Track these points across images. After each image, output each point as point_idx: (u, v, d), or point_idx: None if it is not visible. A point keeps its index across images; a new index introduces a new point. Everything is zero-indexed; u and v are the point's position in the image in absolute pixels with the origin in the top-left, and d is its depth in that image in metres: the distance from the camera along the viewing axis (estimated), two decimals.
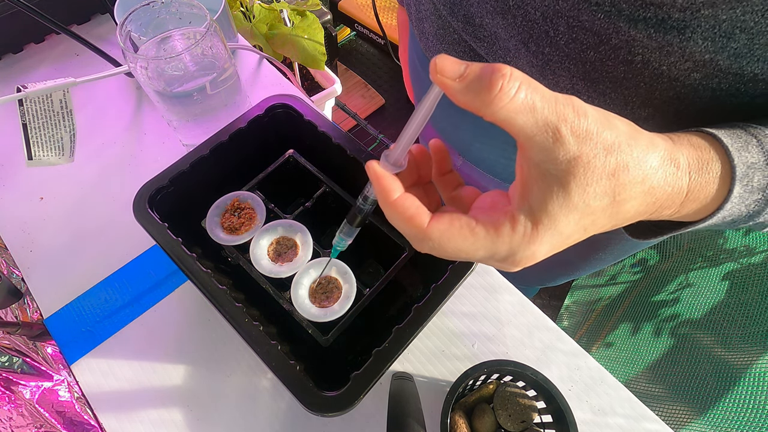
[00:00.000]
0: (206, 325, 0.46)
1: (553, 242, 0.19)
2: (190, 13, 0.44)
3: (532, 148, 0.18)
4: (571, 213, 0.18)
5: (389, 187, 0.21)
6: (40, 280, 0.48)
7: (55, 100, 0.41)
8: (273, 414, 0.42)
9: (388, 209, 0.21)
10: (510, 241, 0.19)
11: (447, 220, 0.20)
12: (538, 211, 0.19)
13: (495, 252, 0.20)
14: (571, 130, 0.17)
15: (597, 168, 0.18)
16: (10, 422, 0.39)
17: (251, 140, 0.43)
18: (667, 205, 0.20)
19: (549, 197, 0.18)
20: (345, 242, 0.31)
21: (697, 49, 0.24)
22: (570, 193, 0.18)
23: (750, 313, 0.74)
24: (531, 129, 0.17)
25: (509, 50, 0.32)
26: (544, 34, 0.29)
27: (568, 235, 0.19)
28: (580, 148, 0.17)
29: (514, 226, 0.19)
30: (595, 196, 0.18)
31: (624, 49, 0.26)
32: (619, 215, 0.20)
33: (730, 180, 0.21)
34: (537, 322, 0.46)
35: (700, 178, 0.21)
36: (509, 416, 0.39)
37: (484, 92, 0.17)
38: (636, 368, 0.84)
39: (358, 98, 1.55)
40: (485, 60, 0.36)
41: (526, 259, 0.20)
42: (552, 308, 1.18)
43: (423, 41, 0.42)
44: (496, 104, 0.17)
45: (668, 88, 0.27)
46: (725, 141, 0.21)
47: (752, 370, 0.67)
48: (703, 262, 0.87)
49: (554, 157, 0.18)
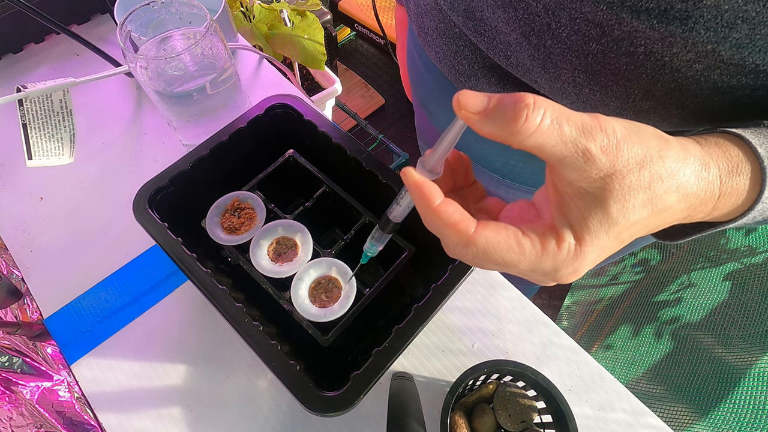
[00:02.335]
0: (206, 325, 0.46)
1: (595, 258, 0.19)
2: (190, 13, 0.44)
3: (564, 169, 0.18)
4: (612, 228, 0.18)
5: (430, 193, 0.20)
6: (40, 280, 0.48)
7: (55, 100, 0.41)
8: (273, 414, 0.42)
9: (430, 215, 0.20)
10: (555, 257, 0.19)
11: (494, 228, 0.20)
12: (580, 229, 0.19)
13: (539, 267, 0.19)
14: (601, 149, 0.18)
15: (632, 182, 0.18)
16: (10, 422, 0.39)
17: (251, 140, 0.43)
18: (701, 209, 0.21)
19: (588, 215, 0.18)
20: (376, 248, 0.30)
21: (699, 39, 0.24)
22: (609, 209, 0.18)
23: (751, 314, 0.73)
24: (561, 152, 0.18)
25: (510, 44, 0.32)
26: (546, 26, 0.29)
27: (609, 249, 0.19)
28: (613, 165, 0.18)
29: (560, 243, 0.19)
30: (634, 210, 0.18)
31: (626, 40, 0.26)
32: (655, 223, 0.20)
33: (760, 181, 0.21)
34: (535, 318, 0.46)
35: (731, 181, 0.21)
36: (509, 416, 0.39)
37: (510, 124, 0.17)
38: (637, 369, 0.84)
39: (358, 98, 1.55)
40: (486, 54, 0.36)
41: (569, 275, 0.20)
42: (552, 308, 1.18)
43: (422, 37, 0.42)
44: (523, 133, 0.17)
45: (670, 79, 0.27)
46: (753, 142, 0.21)
47: (753, 371, 0.67)
48: (705, 262, 0.87)
49: (588, 175, 0.18)
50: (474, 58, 0.37)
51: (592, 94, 0.31)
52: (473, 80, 0.39)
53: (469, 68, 0.38)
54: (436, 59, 0.41)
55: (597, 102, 0.31)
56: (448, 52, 0.39)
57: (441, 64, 0.41)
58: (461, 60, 0.38)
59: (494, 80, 0.37)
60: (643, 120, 0.31)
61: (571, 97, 0.32)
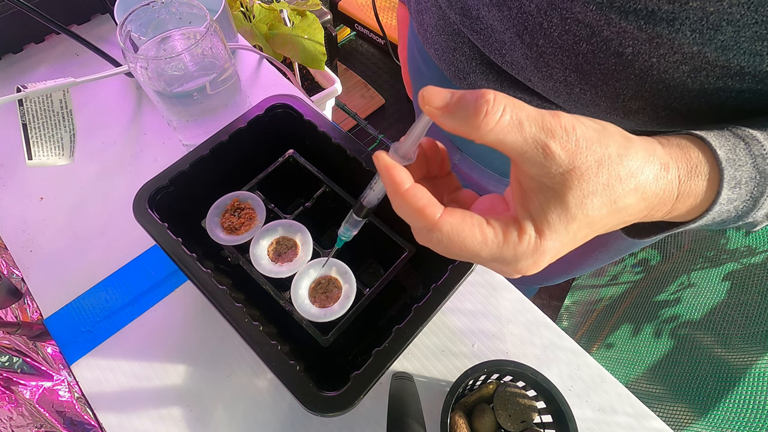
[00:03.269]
0: (206, 325, 0.46)
1: (555, 252, 0.20)
2: (190, 13, 0.44)
3: (525, 164, 0.19)
4: (571, 223, 0.19)
5: (399, 177, 0.20)
6: (40, 280, 0.48)
7: (55, 100, 0.41)
8: (273, 414, 0.42)
9: (398, 199, 0.21)
10: (516, 248, 0.19)
11: (459, 215, 0.20)
12: (540, 222, 0.19)
13: (500, 256, 0.20)
14: (561, 145, 0.18)
15: (591, 180, 0.18)
16: (11, 422, 0.39)
17: (251, 140, 0.43)
18: (660, 207, 0.21)
19: (548, 209, 0.19)
20: (350, 233, 0.30)
21: (685, 41, 0.24)
22: (568, 204, 0.18)
23: (751, 314, 0.73)
24: (521, 147, 0.18)
25: (505, 42, 0.32)
26: (538, 26, 0.29)
27: (568, 243, 0.20)
28: (572, 162, 0.18)
29: (521, 234, 0.19)
30: (592, 206, 0.19)
31: (615, 41, 0.26)
32: (614, 221, 0.20)
33: (718, 183, 0.21)
34: (536, 320, 0.46)
35: (689, 181, 0.21)
36: (509, 416, 0.39)
37: (470, 118, 0.18)
38: (636, 369, 0.84)
39: (358, 98, 1.55)
40: (482, 52, 0.36)
41: (528, 267, 0.20)
42: (552, 308, 1.18)
43: (422, 34, 0.42)
44: (483, 128, 0.18)
45: (657, 80, 0.27)
46: (713, 144, 0.22)
47: (753, 371, 0.67)
48: (705, 262, 0.87)
49: (547, 171, 0.18)
50: (471, 56, 0.38)
51: (583, 94, 0.31)
52: (471, 77, 0.39)
53: (467, 65, 0.38)
54: (435, 56, 0.42)
55: (588, 101, 0.32)
56: (447, 49, 0.39)
57: (440, 60, 0.41)
58: (459, 57, 0.39)
59: (491, 77, 0.37)
60: (634, 120, 0.31)
61: (563, 96, 0.33)
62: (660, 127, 0.32)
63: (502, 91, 0.37)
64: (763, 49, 0.23)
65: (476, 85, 0.39)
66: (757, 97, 0.26)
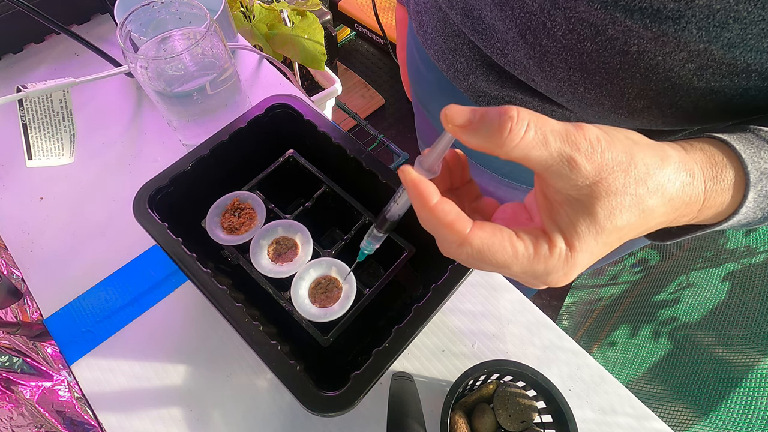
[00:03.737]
0: (206, 325, 0.46)
1: (585, 263, 0.20)
2: (190, 13, 0.44)
3: (551, 177, 0.19)
4: (600, 234, 0.19)
5: (426, 192, 0.20)
6: (40, 280, 0.48)
7: (55, 100, 0.41)
8: (273, 414, 0.42)
9: (426, 214, 0.20)
10: (547, 261, 0.19)
11: (490, 230, 0.20)
12: (570, 235, 0.19)
13: (531, 270, 0.20)
14: (586, 158, 0.18)
15: (618, 190, 0.18)
16: (11, 422, 0.39)
17: (251, 140, 0.43)
18: (686, 213, 0.21)
19: (577, 221, 0.19)
20: (373, 246, 0.30)
21: (691, 38, 0.24)
22: (596, 215, 0.18)
23: (751, 314, 0.73)
24: (546, 161, 0.18)
25: (507, 42, 0.32)
26: (542, 25, 0.29)
27: (598, 253, 0.20)
28: (598, 174, 0.18)
29: (552, 248, 0.19)
30: (621, 215, 0.19)
31: (620, 39, 0.26)
32: (642, 229, 0.20)
33: (744, 186, 0.21)
34: (537, 321, 0.46)
35: (715, 186, 0.21)
36: (509, 416, 0.39)
37: (495, 136, 0.18)
38: (637, 369, 0.84)
39: (358, 98, 1.55)
40: (484, 52, 0.36)
41: (559, 279, 0.20)
42: (552, 308, 1.18)
43: (421, 35, 0.42)
44: (508, 145, 0.18)
45: (663, 79, 0.27)
46: (738, 148, 0.21)
47: (754, 372, 0.67)
48: (704, 262, 0.87)
49: (574, 183, 0.18)
50: (472, 57, 0.37)
51: (587, 93, 0.31)
52: (471, 78, 0.39)
53: (467, 66, 0.38)
54: (435, 57, 0.42)
55: (592, 100, 0.31)
56: (447, 50, 0.39)
57: (440, 62, 0.41)
58: (459, 58, 0.39)
59: (492, 78, 0.37)
60: (638, 119, 0.31)
61: (567, 96, 0.32)
62: (665, 126, 0.32)
63: (504, 92, 0.37)
64: None
65: (476, 86, 0.39)
66: (764, 94, 0.26)
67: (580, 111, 0.34)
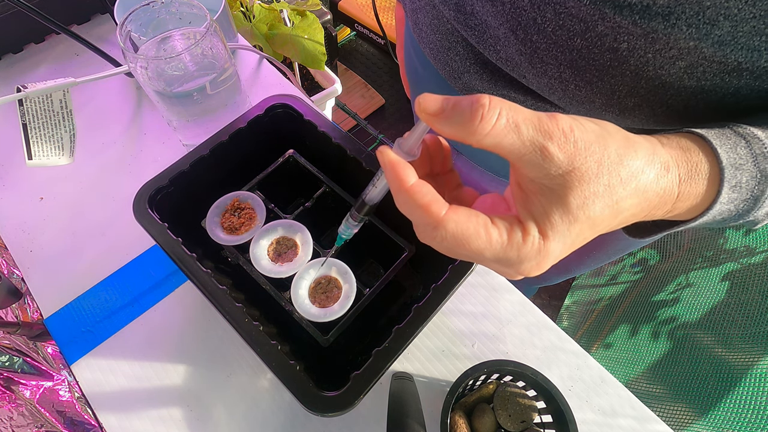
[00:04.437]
0: (206, 325, 0.46)
1: (558, 253, 0.20)
2: (190, 13, 0.44)
3: (524, 167, 0.19)
4: (573, 225, 0.19)
5: (403, 173, 0.20)
6: (40, 280, 0.48)
7: (55, 100, 0.41)
8: (273, 414, 0.42)
9: (402, 196, 0.20)
10: (520, 249, 0.19)
11: (465, 213, 0.20)
12: (543, 224, 0.19)
13: (504, 257, 0.20)
14: (559, 147, 0.18)
15: (592, 181, 0.18)
16: (11, 422, 0.39)
17: (251, 140, 0.43)
18: (660, 206, 0.21)
19: (551, 210, 0.19)
20: (351, 231, 0.30)
21: (681, 36, 0.24)
22: (570, 206, 0.18)
23: (750, 314, 0.73)
24: (519, 149, 0.18)
25: (499, 38, 0.32)
26: (532, 21, 0.29)
27: (571, 244, 0.20)
28: (571, 163, 0.18)
29: (525, 236, 0.19)
30: (594, 208, 0.19)
31: (610, 36, 0.26)
32: (616, 222, 0.20)
33: (718, 181, 0.21)
34: (537, 321, 0.46)
35: (690, 181, 0.21)
36: (509, 416, 0.39)
37: (466, 124, 0.18)
38: (636, 368, 0.84)
39: (358, 98, 1.55)
40: (477, 49, 0.36)
41: (531, 268, 0.20)
42: (552, 308, 1.18)
43: (417, 32, 0.42)
44: (480, 132, 0.18)
45: (653, 77, 0.27)
46: (714, 143, 0.22)
47: (753, 371, 0.67)
48: (704, 262, 0.87)
49: (547, 173, 0.18)
50: (466, 55, 0.37)
51: (578, 90, 0.31)
52: (466, 77, 0.39)
53: (461, 64, 0.38)
54: (430, 55, 0.42)
55: (583, 98, 0.31)
56: (441, 48, 0.39)
57: (435, 60, 0.41)
58: (453, 56, 0.39)
59: (486, 76, 0.37)
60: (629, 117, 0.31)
61: (558, 93, 0.32)
62: (657, 125, 0.32)
63: (497, 90, 0.37)
64: (761, 45, 0.23)
65: (471, 85, 0.39)
66: (755, 93, 0.26)
67: (571, 109, 0.34)
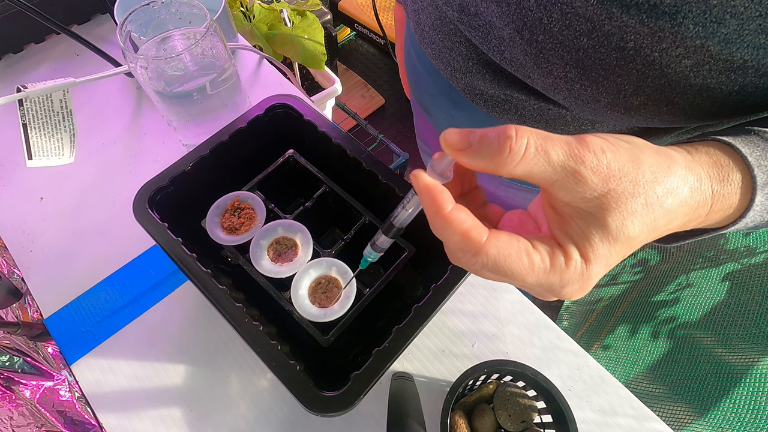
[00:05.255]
0: (206, 325, 0.46)
1: (599, 275, 0.20)
2: (190, 13, 0.44)
3: (558, 192, 0.18)
4: (614, 245, 0.19)
5: (441, 198, 0.20)
6: (40, 280, 0.48)
7: (55, 100, 0.41)
8: (273, 414, 0.42)
9: (440, 222, 0.20)
10: (563, 274, 0.19)
11: (506, 239, 0.19)
12: (584, 247, 0.19)
13: (546, 282, 0.19)
14: (592, 170, 0.18)
15: (629, 201, 0.18)
16: (11, 422, 0.39)
17: (251, 140, 0.43)
18: (693, 218, 0.21)
19: (590, 233, 0.19)
20: (376, 255, 0.30)
21: (688, 34, 0.24)
22: (608, 227, 0.18)
23: (751, 314, 0.73)
24: (550, 176, 0.18)
25: (504, 39, 0.32)
26: (538, 21, 0.29)
27: (612, 263, 0.20)
28: (605, 185, 0.18)
29: (568, 260, 0.19)
30: (633, 228, 0.18)
31: (616, 35, 0.26)
32: (653, 236, 0.20)
33: (751, 190, 0.21)
34: (537, 321, 0.46)
35: (722, 190, 0.21)
36: (509, 416, 0.39)
37: (495, 157, 0.18)
38: (636, 368, 0.84)
39: (358, 98, 1.55)
40: (480, 50, 0.36)
41: (574, 292, 0.20)
42: (552, 309, 1.18)
43: (419, 33, 0.42)
44: (510, 164, 0.18)
45: (660, 75, 0.27)
46: (743, 151, 0.21)
47: (753, 372, 0.67)
48: (704, 262, 0.87)
49: (582, 196, 0.18)
50: (468, 55, 0.37)
51: (584, 90, 0.31)
52: (468, 77, 0.39)
53: (463, 65, 0.38)
54: (432, 56, 0.42)
55: (588, 97, 0.31)
56: (444, 49, 0.39)
57: (437, 60, 0.41)
58: (456, 56, 0.38)
59: (488, 77, 0.37)
60: (635, 116, 0.31)
61: (563, 93, 0.32)
62: (662, 123, 0.32)
63: (500, 90, 0.37)
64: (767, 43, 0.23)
65: (473, 85, 0.39)
66: (760, 91, 0.26)
67: (576, 108, 0.34)
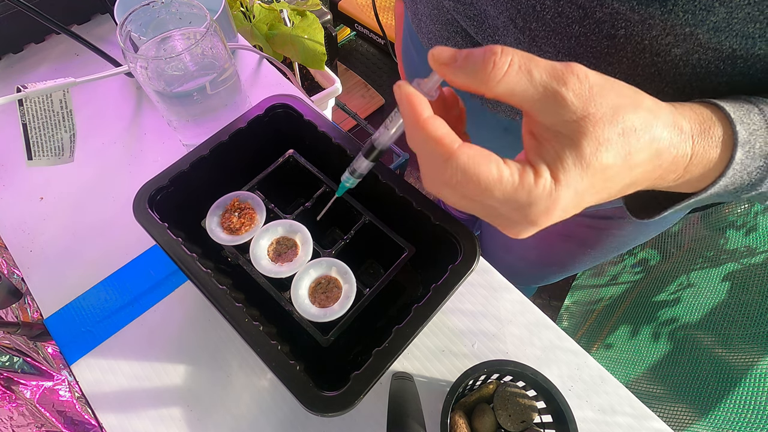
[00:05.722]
0: (206, 325, 0.46)
1: (569, 201, 0.19)
2: (190, 13, 0.44)
3: (538, 113, 0.19)
4: (586, 170, 0.19)
5: (420, 106, 0.20)
6: (40, 280, 0.48)
7: (55, 100, 0.41)
8: (273, 414, 0.42)
9: (416, 129, 0.20)
10: (531, 191, 0.19)
11: (478, 149, 0.19)
12: (555, 168, 0.19)
13: (514, 197, 0.19)
14: (574, 93, 0.18)
15: (606, 127, 0.18)
16: (11, 422, 0.39)
17: (251, 140, 0.43)
18: (672, 169, 0.21)
19: (563, 154, 0.19)
20: (354, 181, 0.30)
21: (677, 22, 0.24)
22: (583, 150, 0.18)
23: (751, 314, 0.73)
24: (532, 95, 0.18)
25: (498, 28, 0.32)
26: (531, 8, 0.29)
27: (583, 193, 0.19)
28: (586, 109, 0.18)
29: (537, 177, 0.19)
30: (607, 155, 0.18)
31: (608, 22, 0.26)
32: (627, 178, 0.20)
33: (732, 145, 0.21)
34: (537, 321, 0.46)
35: (703, 142, 0.21)
36: (509, 416, 0.39)
37: (479, 72, 0.18)
38: (637, 368, 0.84)
39: (358, 98, 1.55)
40: (475, 40, 0.36)
41: (540, 214, 0.20)
42: (552, 308, 1.18)
43: (416, 23, 0.42)
44: (492, 79, 0.18)
45: (650, 63, 0.27)
46: (727, 108, 0.21)
47: (754, 372, 0.67)
48: (704, 262, 0.87)
49: (561, 118, 0.18)
50: (464, 45, 0.38)
51: None
52: None
53: None
54: (428, 45, 0.42)
55: None
56: (440, 38, 0.40)
57: None
58: (452, 46, 0.39)
59: None
60: None
61: None
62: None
63: None
64: (756, 32, 0.23)
65: None
66: (749, 80, 0.26)
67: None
